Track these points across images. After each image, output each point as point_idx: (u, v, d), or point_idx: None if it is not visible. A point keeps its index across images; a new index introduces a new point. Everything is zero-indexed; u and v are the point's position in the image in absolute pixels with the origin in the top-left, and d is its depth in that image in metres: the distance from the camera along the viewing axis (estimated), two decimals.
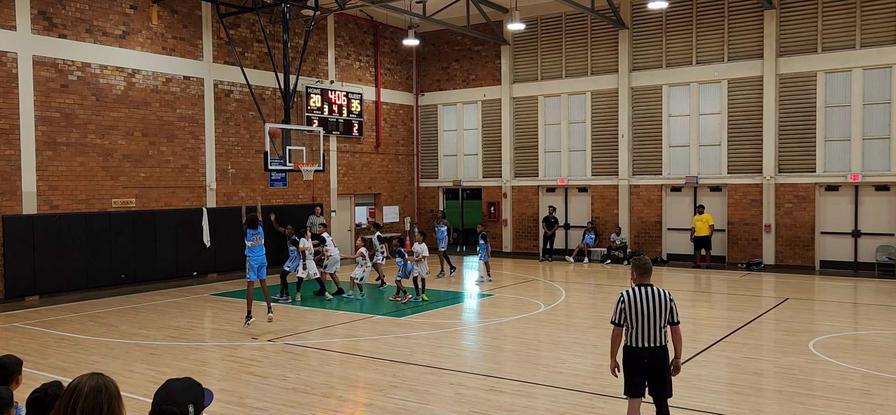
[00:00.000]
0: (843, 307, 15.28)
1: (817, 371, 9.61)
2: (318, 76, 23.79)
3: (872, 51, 19.64)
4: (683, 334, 11.10)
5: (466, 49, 26.82)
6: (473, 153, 27.12)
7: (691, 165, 22.60)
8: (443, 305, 15.33)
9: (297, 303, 15.58)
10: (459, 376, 9.47)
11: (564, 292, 16.86)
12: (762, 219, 21.38)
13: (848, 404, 8.16)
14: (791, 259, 21.07)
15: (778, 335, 12.40)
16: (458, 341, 12.14)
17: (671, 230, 23.14)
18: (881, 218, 19.98)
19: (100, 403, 2.91)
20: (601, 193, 24.28)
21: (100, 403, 2.91)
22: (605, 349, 11.16)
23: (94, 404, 2.91)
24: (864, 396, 8.47)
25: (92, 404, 2.90)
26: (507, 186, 26.13)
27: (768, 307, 14.68)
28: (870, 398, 8.37)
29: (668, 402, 6.64)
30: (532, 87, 25.42)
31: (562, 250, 24.98)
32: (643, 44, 23.23)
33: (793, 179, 20.95)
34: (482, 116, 26.74)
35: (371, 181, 26.20)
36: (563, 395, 8.59)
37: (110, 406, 2.93)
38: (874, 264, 19.82)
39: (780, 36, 20.90)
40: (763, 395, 8.87)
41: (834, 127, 20.37)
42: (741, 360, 10.29)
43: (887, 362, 9.94)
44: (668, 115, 22.92)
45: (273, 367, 10.03)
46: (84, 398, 2.91)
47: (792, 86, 20.87)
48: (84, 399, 2.91)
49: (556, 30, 24.84)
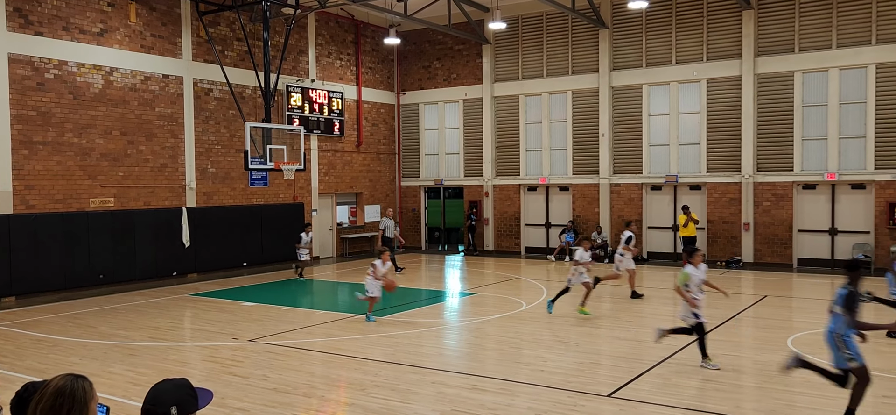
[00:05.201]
0: (820, 304, 15.45)
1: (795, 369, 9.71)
2: (299, 75, 23.67)
3: (849, 51, 19.91)
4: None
5: (448, 48, 26.82)
6: (455, 152, 27.13)
7: (671, 164, 22.77)
8: (425, 304, 15.31)
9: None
10: (442, 375, 9.47)
11: (546, 291, 16.91)
12: (741, 217, 21.60)
13: (825, 400, 8.26)
14: (769, 257, 21.31)
15: (757, 332, 12.54)
16: (441, 340, 12.14)
17: (651, 228, 23.31)
18: (857, 216, 20.27)
19: (58, 405, 2.86)
20: (582, 192, 24.40)
21: (58, 405, 2.86)
22: (586, 348, 11.23)
23: (53, 406, 2.86)
24: (842, 391, 8.58)
25: (50, 406, 2.86)
26: (489, 184, 26.18)
27: (747, 305, 14.83)
28: (846, 393, 8.49)
29: (652, 399, 6.66)
30: (513, 87, 25.48)
31: (542, 249, 25.10)
32: (623, 43, 23.37)
33: (771, 178, 21.19)
34: (464, 115, 26.76)
35: (352, 180, 26.12)
36: (544, 393, 8.62)
37: (69, 411, 2.87)
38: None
39: (758, 36, 21.13)
40: (743, 391, 8.96)
41: (811, 126, 20.63)
42: (721, 357, 10.38)
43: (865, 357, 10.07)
44: (648, 114, 23.08)
45: (254, 367, 9.97)
46: (46, 399, 2.87)
47: (770, 85, 21.11)
48: (46, 400, 2.87)
49: (537, 29, 24.91)
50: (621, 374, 9.37)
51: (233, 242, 20.95)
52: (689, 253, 10.22)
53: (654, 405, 8.09)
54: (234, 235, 21.03)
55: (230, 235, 20.89)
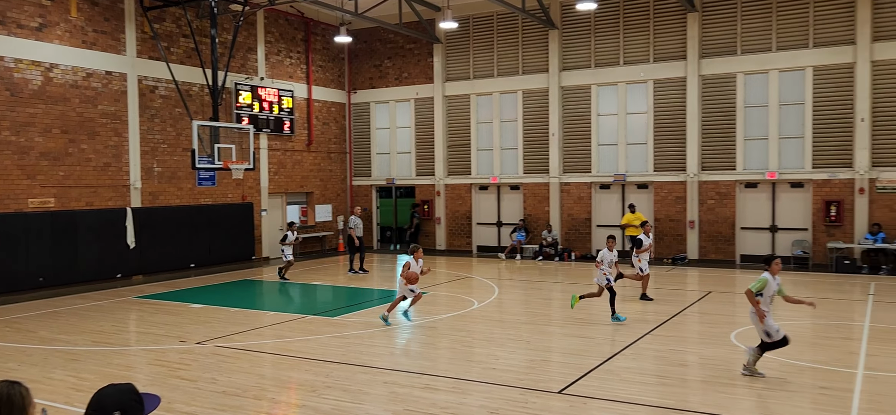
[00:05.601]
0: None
1: (738, 361, 10.01)
2: (248, 73, 23.30)
3: (787, 54, 20.59)
4: (613, 329, 11.37)
5: (399, 47, 26.76)
6: (406, 151, 27.09)
7: (619, 163, 23.19)
8: (377, 304, 15.26)
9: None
10: (394, 375, 9.45)
11: (497, 289, 17.04)
12: (686, 215, 22.14)
13: (767, 392, 8.54)
14: (713, 254, 21.90)
15: (702, 327, 12.87)
16: (392, 339, 12.11)
17: (601, 227, 23.70)
18: (796, 213, 20.99)
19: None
20: (533, 191, 24.65)
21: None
22: (538, 345, 11.35)
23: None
24: (783, 383, 8.88)
25: None
26: (441, 184, 26.23)
27: (693, 301, 15.21)
28: (787, 386, 8.79)
29: (601, 394, 6.76)
30: (464, 86, 25.58)
31: (493, 247, 25.28)
32: (572, 44, 23.70)
33: (715, 177, 21.77)
34: (415, 115, 26.74)
35: (303, 180, 25.84)
36: (496, 391, 8.68)
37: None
38: (790, 258, 20.81)
39: (702, 38, 21.68)
40: (689, 385, 9.18)
41: (752, 126, 21.27)
42: (668, 352, 10.64)
43: (801, 351, 10.45)
44: (597, 114, 23.46)
45: (202, 370, 9.78)
46: None
47: (713, 86, 21.68)
48: None
49: (488, 29, 25.07)
50: (571, 370, 9.51)
51: (180, 242, 20.51)
52: (767, 259, 9.19)
53: (603, 400, 8.24)
54: (182, 235, 20.59)
55: (177, 235, 20.45)
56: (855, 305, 14.45)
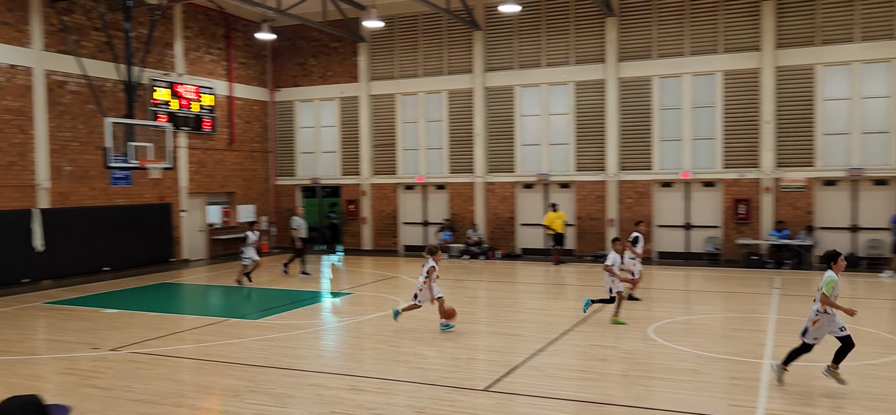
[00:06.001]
0: (676, 294, 16.62)
1: (656, 355, 10.40)
2: (165, 69, 22.54)
3: (699, 58, 21.49)
4: (537, 326, 11.59)
5: (323, 45, 26.46)
6: (332, 151, 26.82)
7: (542, 163, 23.65)
8: (301, 306, 15.05)
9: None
10: (319, 377, 9.35)
11: None
12: (606, 214, 22.79)
13: (683, 383, 8.89)
14: None
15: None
16: (318, 341, 11.97)
17: (524, 226, 24.11)
18: (708, 212, 21.93)
19: None
20: (458, 191, 24.84)
21: None
22: (464, 343, 11.45)
23: None
24: (696, 375, 9.27)
25: None
26: (367, 183, 26.09)
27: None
28: (701, 377, 9.18)
29: (526, 390, 6.86)
30: (390, 86, 25.53)
31: (420, 247, 25.33)
32: (496, 45, 24.01)
33: (633, 177, 22.49)
34: (340, 114, 26.51)
35: (224, 179, 25.20)
36: (422, 390, 8.71)
37: None
38: (703, 254, 21.76)
39: (620, 42, 22.35)
40: (609, 379, 9.46)
41: (667, 128, 22.09)
42: (588, 347, 10.93)
43: (715, 343, 10.94)
44: (521, 114, 23.85)
45: (117, 378, 9.40)
46: None
47: (631, 89, 22.39)
48: None
49: (413, 29, 25.10)
50: (497, 367, 9.64)
51: (93, 245, 19.65)
52: (831, 257, 8.51)
53: (527, 397, 8.39)
54: (95, 237, 19.73)
55: (90, 237, 19.58)
56: (762, 299, 15.20)
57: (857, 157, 20.04)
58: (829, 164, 20.39)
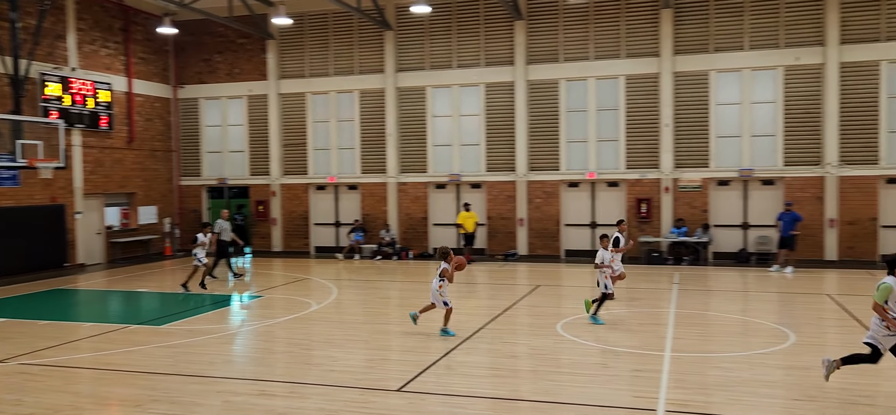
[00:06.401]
0: (583, 291, 17.12)
1: (564, 350, 10.69)
2: (57, 62, 21.30)
3: (603, 63, 22.24)
4: (450, 325, 11.69)
5: (230, 41, 25.72)
6: (240, 150, 26.11)
7: (454, 164, 23.86)
8: (208, 310, 14.57)
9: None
10: (228, 384, 9.08)
11: (336, 290, 16.90)
12: (516, 213, 23.23)
13: (589, 378, 9.19)
14: (541, 249, 23.16)
15: (531, 320, 13.56)
16: (226, 346, 11.62)
17: (437, 226, 24.24)
18: (613, 211, 22.71)
19: None
20: (370, 191, 24.71)
21: None
22: (378, 344, 11.41)
23: None
24: (603, 368, 9.60)
25: None
26: (276, 184, 25.55)
27: (523, 295, 15.99)
28: (606, 370, 9.52)
29: (439, 390, 6.89)
30: (300, 84, 25.11)
31: (332, 248, 25.07)
32: (408, 46, 24.03)
33: (541, 177, 23.02)
34: (249, 112, 25.85)
35: (124, 179, 24.08)
36: (335, 393, 8.62)
37: None
38: None
39: (528, 45, 22.83)
40: (519, 375, 9.66)
41: (574, 129, 22.74)
42: (500, 345, 11.11)
43: (619, 338, 11.35)
44: (432, 115, 23.97)
45: (5, 391, 8.81)
46: None
47: (539, 91, 22.92)
48: None
49: (323, 27, 24.78)
50: (410, 367, 9.65)
51: None
52: (891, 262, 7.87)
53: (441, 395, 8.45)
54: None
55: None
56: (663, 294, 15.90)
57: (748, 158, 21.27)
58: (723, 165, 21.55)
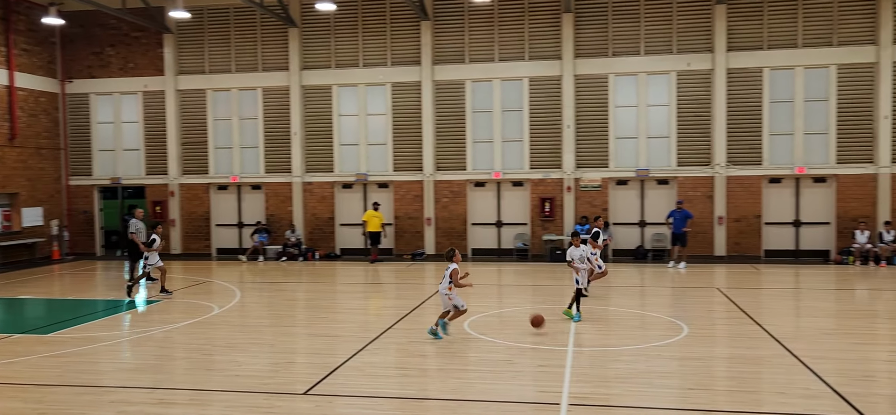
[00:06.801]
0: (490, 289, 17.42)
1: (471, 348, 10.83)
2: None
3: (507, 64, 22.69)
4: (357, 326, 11.60)
5: (124, 34, 24.55)
6: (135, 148, 24.96)
7: (361, 163, 23.71)
8: (101, 316, 13.86)
9: None
10: (122, 393, 8.67)
11: (239, 293, 16.45)
12: (424, 213, 23.34)
13: (496, 375, 9.35)
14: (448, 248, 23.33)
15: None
16: (121, 354, 11.09)
17: (344, 226, 24.02)
18: (517, 210, 23.22)
19: None
20: (275, 191, 24.19)
21: None
22: (283, 347, 11.19)
23: None
24: (508, 365, 9.79)
25: None
26: (175, 183, 24.59)
27: (430, 294, 16.07)
28: (512, 367, 9.71)
29: (346, 391, 6.83)
30: (200, 80, 24.28)
31: (235, 250, 24.40)
32: (313, 43, 23.68)
33: (448, 176, 23.23)
34: (144, 109, 24.75)
35: (5, 179, 22.54)
36: (239, 398, 8.39)
37: None
38: (513, 250, 23.00)
39: (434, 45, 22.99)
40: (428, 375, 9.71)
41: (480, 129, 23.08)
42: (408, 345, 11.14)
43: (525, 335, 11.61)
44: (339, 114, 23.73)
45: None
46: None
47: (446, 91, 23.12)
48: None
49: (225, 22, 24.06)
50: (317, 370, 9.53)
51: None
52: None
53: (348, 397, 8.38)
54: None
55: None
56: (566, 291, 16.36)
57: (644, 159, 22.22)
58: (621, 165, 22.43)
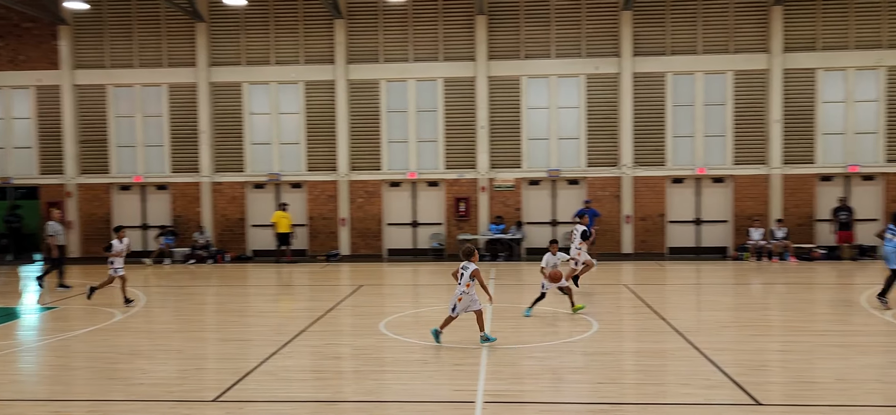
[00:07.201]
0: (405, 289, 17.43)
1: (387, 348, 10.79)
2: None
3: (423, 64, 22.78)
4: (269, 329, 11.35)
5: (13, 25, 23.13)
6: (27, 146, 23.53)
7: (273, 163, 23.22)
8: None
9: None
10: (15, 407, 8.14)
11: (144, 298, 15.78)
12: (338, 213, 23.09)
13: (412, 375, 9.35)
14: (364, 249, 23.22)
15: (354, 320, 13.55)
16: (13, 365, 10.41)
17: (256, 227, 23.45)
18: (433, 210, 23.33)
19: None
20: (182, 191, 23.36)
21: None
22: (191, 353, 10.81)
23: None
24: (424, 365, 9.81)
25: None
26: (73, 183, 23.34)
27: (345, 295, 15.92)
28: (428, 366, 9.74)
29: (258, 397, 6.68)
30: (99, 75, 23.16)
31: (139, 253, 23.39)
32: (222, 39, 23.02)
33: (363, 176, 23.08)
34: (38, 104, 23.38)
35: None
36: (143, 408, 8.04)
37: None
38: (429, 250, 23.09)
39: (348, 44, 22.79)
40: (343, 377, 9.60)
41: (395, 129, 23.06)
42: (323, 347, 10.98)
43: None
44: (250, 112, 23.16)
45: None
46: None
47: (360, 91, 22.97)
48: None
49: (126, 14, 23.05)
50: (227, 376, 9.25)
51: None
52: None
53: (260, 403, 8.18)
54: None
55: None
56: (478, 289, 16.55)
57: (555, 159, 22.77)
58: (534, 166, 22.90)
